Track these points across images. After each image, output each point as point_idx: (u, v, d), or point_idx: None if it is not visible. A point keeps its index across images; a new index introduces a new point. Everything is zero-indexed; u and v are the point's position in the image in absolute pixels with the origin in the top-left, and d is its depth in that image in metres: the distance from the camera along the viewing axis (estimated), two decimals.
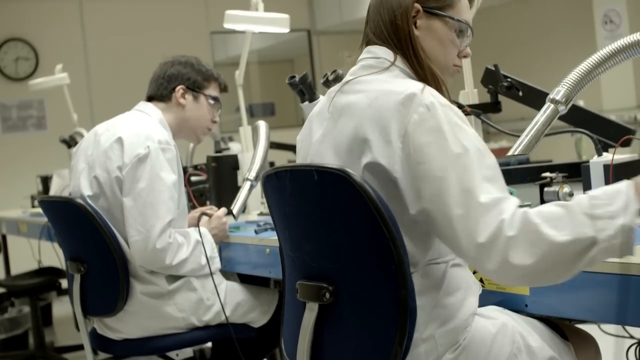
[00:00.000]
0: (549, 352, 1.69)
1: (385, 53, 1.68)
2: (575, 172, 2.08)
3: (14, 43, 7.77)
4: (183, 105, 2.77)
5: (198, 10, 8.52)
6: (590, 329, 1.97)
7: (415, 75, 1.66)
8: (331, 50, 9.21)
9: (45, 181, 5.16)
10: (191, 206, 3.29)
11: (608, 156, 1.90)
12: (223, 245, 2.73)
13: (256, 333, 2.75)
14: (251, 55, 7.87)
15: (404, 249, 1.47)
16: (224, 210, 2.78)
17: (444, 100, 1.54)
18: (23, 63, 7.79)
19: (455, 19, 1.70)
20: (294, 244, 1.67)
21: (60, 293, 5.33)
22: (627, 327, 2.57)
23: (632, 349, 2.52)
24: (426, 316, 1.55)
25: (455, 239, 1.43)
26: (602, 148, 2.00)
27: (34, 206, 5.39)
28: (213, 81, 2.84)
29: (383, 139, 1.51)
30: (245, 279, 2.92)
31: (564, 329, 1.80)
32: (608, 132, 2.43)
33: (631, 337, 2.62)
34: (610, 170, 1.86)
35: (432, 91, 1.55)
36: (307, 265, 1.62)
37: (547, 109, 1.93)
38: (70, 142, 4.82)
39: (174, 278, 2.59)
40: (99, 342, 2.73)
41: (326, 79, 2.51)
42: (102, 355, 2.86)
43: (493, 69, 2.46)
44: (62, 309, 6.11)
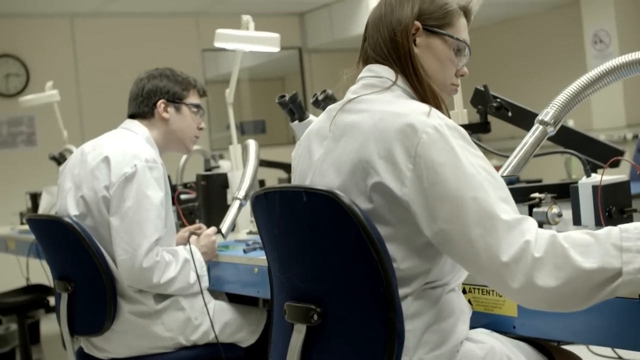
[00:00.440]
0: None
1: (387, 72, 1.67)
2: (565, 193, 2.07)
3: (5, 59, 7.76)
4: (167, 119, 2.75)
5: (189, 27, 8.53)
6: (579, 350, 1.97)
7: (415, 94, 1.65)
8: (322, 68, 9.24)
9: (35, 198, 5.14)
10: (180, 224, 3.28)
11: (597, 177, 1.90)
12: (212, 264, 2.72)
13: (244, 353, 2.73)
14: (242, 73, 7.90)
15: (392, 271, 1.47)
16: (213, 229, 2.77)
17: (451, 122, 1.53)
18: (14, 79, 7.78)
19: (454, 38, 1.70)
20: (282, 264, 1.67)
21: (48, 311, 5.28)
22: (616, 349, 2.56)
23: None
24: (416, 340, 1.54)
25: (476, 259, 1.42)
26: (591, 169, 2.00)
27: (22, 223, 5.35)
28: (192, 89, 2.82)
29: (390, 161, 1.50)
30: (233, 298, 2.91)
31: (552, 351, 1.79)
32: (597, 153, 2.43)
33: (620, 359, 2.62)
34: (599, 191, 1.86)
35: (439, 113, 1.54)
36: (296, 287, 1.62)
37: (536, 130, 1.92)
38: (59, 160, 4.80)
39: (161, 297, 2.57)
40: None
41: (316, 99, 2.51)
42: None
43: (482, 89, 2.47)
44: (50, 326, 6.06)
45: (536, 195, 1.99)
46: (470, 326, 1.68)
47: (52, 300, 3.49)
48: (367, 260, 1.47)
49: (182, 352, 2.60)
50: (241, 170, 3.02)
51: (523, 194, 2.06)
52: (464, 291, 1.77)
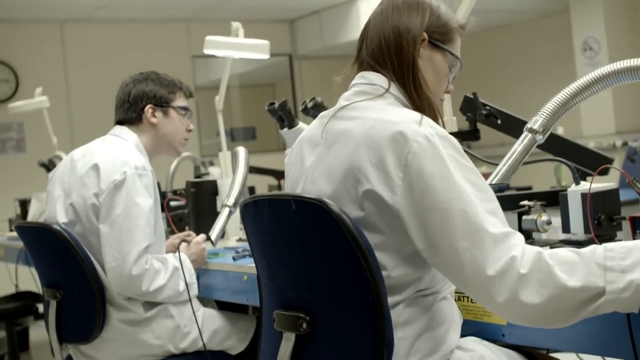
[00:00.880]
0: None
1: (380, 79, 1.66)
2: (554, 200, 2.08)
3: None
4: (155, 124, 2.74)
5: (180, 34, 8.53)
6: (568, 358, 1.97)
7: (411, 103, 1.65)
8: (313, 75, 9.24)
9: (24, 204, 5.12)
10: (170, 231, 3.27)
11: (586, 185, 1.91)
12: (201, 271, 2.71)
13: None
14: (232, 79, 7.90)
15: (381, 279, 1.47)
16: (203, 236, 2.76)
17: (443, 131, 1.52)
18: (3, 85, 7.76)
19: (454, 55, 1.71)
20: (271, 273, 1.66)
21: (37, 318, 5.27)
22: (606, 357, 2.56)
23: None
24: (408, 348, 1.54)
25: (461, 271, 1.42)
26: (581, 176, 2.01)
27: (11, 230, 5.33)
28: (178, 91, 2.80)
29: (381, 169, 1.49)
30: (223, 306, 2.90)
31: None
32: (586, 161, 2.44)
33: None
34: (587, 199, 1.86)
35: (430, 122, 1.53)
36: (285, 295, 1.61)
37: (525, 138, 1.93)
38: (49, 166, 4.79)
39: (150, 305, 2.56)
40: None
41: (305, 107, 2.51)
42: None
43: (472, 97, 2.47)
44: (39, 333, 6.03)
45: (525, 202, 1.99)
46: (461, 334, 1.68)
47: (41, 308, 3.48)
48: (356, 268, 1.47)
49: None
50: (231, 177, 3.02)
51: (512, 201, 2.06)
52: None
